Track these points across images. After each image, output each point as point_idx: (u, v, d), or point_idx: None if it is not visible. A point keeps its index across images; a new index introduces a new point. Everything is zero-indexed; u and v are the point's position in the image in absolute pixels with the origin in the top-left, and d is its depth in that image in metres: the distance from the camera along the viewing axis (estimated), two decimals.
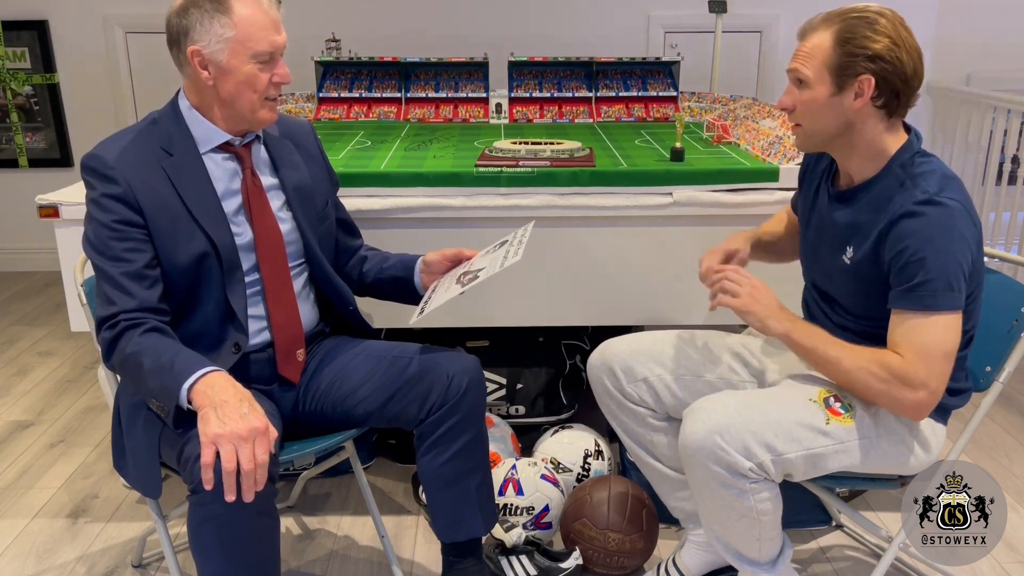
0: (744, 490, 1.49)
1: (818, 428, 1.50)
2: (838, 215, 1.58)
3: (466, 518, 1.74)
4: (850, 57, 1.44)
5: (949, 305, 1.42)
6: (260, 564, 1.46)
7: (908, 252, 1.43)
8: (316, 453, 1.76)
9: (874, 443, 1.53)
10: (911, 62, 1.44)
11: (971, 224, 1.44)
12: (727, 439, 1.46)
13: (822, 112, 1.49)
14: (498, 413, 2.38)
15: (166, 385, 1.42)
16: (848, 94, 1.46)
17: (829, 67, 1.46)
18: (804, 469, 1.52)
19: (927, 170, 1.48)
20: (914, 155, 1.50)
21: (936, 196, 1.43)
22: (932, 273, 1.41)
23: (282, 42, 1.57)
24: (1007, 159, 3.52)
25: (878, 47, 1.43)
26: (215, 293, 1.60)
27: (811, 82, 1.49)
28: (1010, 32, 4.03)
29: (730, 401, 1.54)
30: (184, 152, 1.59)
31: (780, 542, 1.64)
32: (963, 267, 1.43)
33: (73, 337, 3.31)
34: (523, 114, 2.97)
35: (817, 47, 1.48)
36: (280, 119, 1.76)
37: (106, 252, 1.52)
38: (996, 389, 1.65)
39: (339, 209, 1.87)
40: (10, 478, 2.41)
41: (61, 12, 3.87)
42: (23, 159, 4.07)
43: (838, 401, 1.53)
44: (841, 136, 1.52)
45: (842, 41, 1.45)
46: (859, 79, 1.45)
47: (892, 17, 1.46)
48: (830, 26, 1.47)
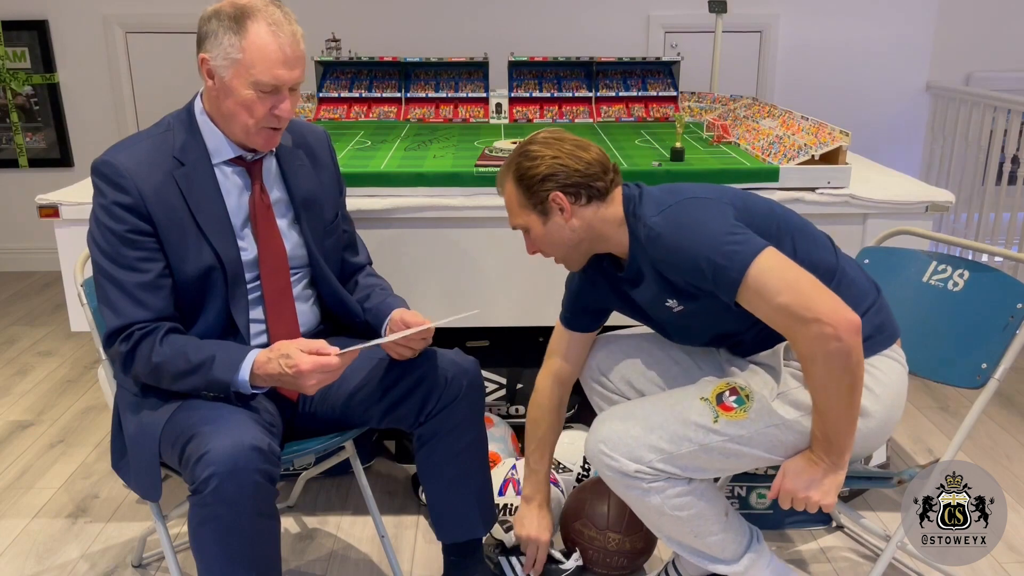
0: (646, 489, 1.54)
1: (705, 426, 1.51)
2: (636, 293, 1.62)
3: (466, 518, 1.74)
4: (531, 190, 1.56)
5: (749, 252, 1.41)
6: (260, 564, 1.46)
7: (686, 267, 1.46)
8: (316, 453, 1.77)
9: (779, 432, 1.51)
10: (574, 159, 1.55)
11: (708, 195, 1.51)
12: (610, 446, 1.55)
13: (551, 239, 1.60)
14: (498, 413, 2.38)
15: (215, 380, 1.49)
16: (554, 213, 1.57)
17: (525, 206, 1.59)
18: (708, 465, 1.53)
19: (644, 203, 1.55)
20: (635, 205, 1.56)
21: (652, 217, 1.50)
22: (711, 255, 1.42)
23: (289, 78, 1.51)
24: (1007, 159, 3.52)
25: (542, 169, 1.55)
26: (218, 303, 1.60)
27: (527, 225, 1.60)
28: (1010, 32, 4.03)
29: (618, 410, 1.61)
30: (196, 163, 1.57)
31: (740, 535, 1.64)
32: (729, 222, 1.46)
33: (73, 337, 3.31)
34: (523, 114, 2.97)
35: (510, 196, 1.61)
36: (294, 126, 1.74)
37: (118, 260, 1.51)
38: (992, 386, 1.65)
39: (344, 220, 1.84)
40: (10, 478, 2.41)
41: (61, 12, 3.87)
42: (23, 159, 4.07)
43: (733, 395, 1.53)
44: (583, 242, 1.60)
45: (518, 181, 1.58)
46: (551, 199, 1.55)
47: (544, 138, 1.58)
48: (508, 175, 1.60)
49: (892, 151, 3.93)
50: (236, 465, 1.37)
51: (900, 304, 1.72)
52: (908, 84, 3.98)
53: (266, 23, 1.48)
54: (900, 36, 3.90)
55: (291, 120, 1.74)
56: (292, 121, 1.75)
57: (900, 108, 4.00)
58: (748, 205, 1.54)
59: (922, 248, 1.94)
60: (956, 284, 1.77)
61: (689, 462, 1.52)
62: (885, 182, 2.26)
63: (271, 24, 1.48)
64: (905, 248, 1.91)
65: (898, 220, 2.06)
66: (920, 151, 4.07)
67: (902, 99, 3.99)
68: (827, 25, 3.89)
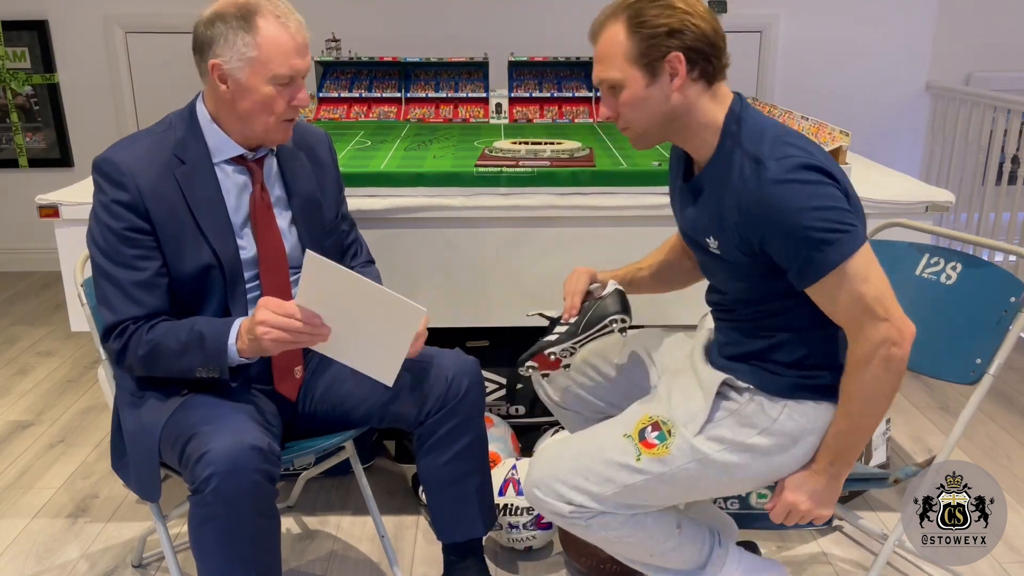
0: (586, 526, 1.53)
1: (629, 465, 1.48)
2: (689, 211, 1.50)
3: (466, 518, 1.74)
4: (650, 41, 1.35)
5: (848, 249, 1.30)
6: (261, 564, 1.47)
7: (776, 232, 1.32)
8: (316, 453, 1.77)
9: (701, 467, 1.47)
10: (707, 24, 1.37)
11: (817, 166, 1.33)
12: (542, 490, 1.54)
13: (644, 105, 1.40)
14: (498, 413, 2.38)
15: (207, 354, 1.49)
16: (663, 78, 1.37)
17: (632, 59, 1.37)
18: (635, 502, 1.51)
19: (752, 130, 1.38)
20: (739, 118, 1.41)
21: (769, 160, 1.32)
22: (810, 236, 1.30)
23: (303, 67, 1.53)
24: (1007, 159, 3.52)
25: (672, 21, 1.34)
26: (216, 301, 1.60)
27: (623, 82, 1.39)
28: (1010, 32, 4.03)
29: (549, 451, 1.62)
30: (197, 161, 1.57)
31: (697, 545, 1.61)
32: (835, 205, 1.31)
33: (73, 337, 3.31)
34: (523, 114, 2.97)
35: (612, 44, 1.38)
36: (296, 126, 1.72)
37: (115, 258, 1.52)
38: (987, 382, 1.63)
39: (344, 220, 1.83)
40: (10, 478, 2.41)
41: (61, 12, 3.87)
42: (23, 159, 4.07)
43: (656, 431, 1.49)
44: (674, 122, 1.42)
45: (635, 28, 1.35)
46: (667, 59, 1.35)
47: None
48: (617, 18, 1.38)
49: (892, 151, 3.93)
50: (236, 465, 1.37)
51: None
52: (908, 84, 3.98)
53: (273, 16, 1.50)
54: (900, 36, 3.90)
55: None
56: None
57: (900, 108, 4.00)
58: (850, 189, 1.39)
59: (917, 241, 1.93)
60: (949, 277, 1.76)
61: (618, 500, 1.50)
62: (885, 182, 2.26)
63: (278, 16, 1.50)
64: (897, 240, 1.90)
65: (898, 220, 2.06)
66: (920, 151, 4.07)
67: (902, 99, 3.99)
68: (827, 25, 3.88)
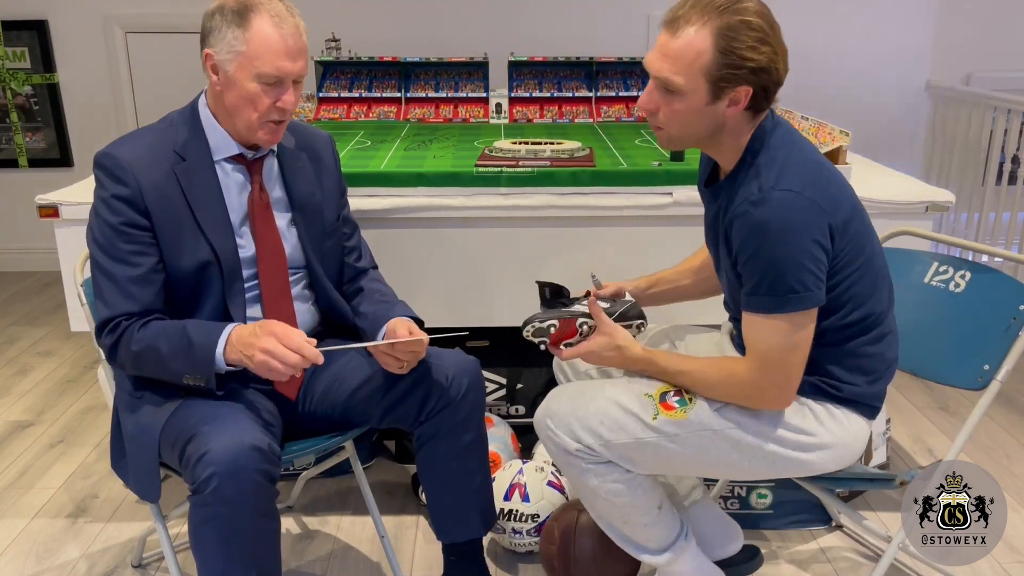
0: (583, 469, 1.56)
1: (644, 421, 1.52)
2: (709, 213, 1.56)
3: (466, 519, 1.74)
4: (733, 70, 1.33)
5: (791, 307, 1.37)
6: (260, 564, 1.46)
7: (744, 253, 1.38)
8: (316, 453, 1.76)
9: (712, 438, 1.51)
10: (784, 65, 1.38)
11: (814, 212, 1.35)
12: (555, 422, 1.56)
13: (693, 119, 1.39)
14: (498, 413, 2.38)
15: (195, 361, 1.48)
16: (723, 102, 1.37)
17: (706, 74, 1.34)
18: (644, 460, 1.54)
19: (771, 157, 1.40)
20: (765, 137, 1.42)
21: (771, 190, 1.34)
22: (768, 275, 1.36)
23: (293, 70, 1.53)
24: (1007, 159, 3.52)
25: (762, 59, 1.33)
26: (215, 300, 1.60)
27: (684, 91, 1.36)
28: (1010, 32, 4.03)
29: (571, 388, 1.63)
30: (197, 158, 1.58)
31: (668, 530, 1.64)
32: (805, 263, 1.35)
33: (73, 337, 3.31)
34: (523, 114, 2.97)
35: (691, 49, 1.33)
36: (298, 128, 1.74)
37: (112, 252, 1.53)
38: (994, 388, 1.64)
39: (346, 223, 1.83)
40: (10, 478, 2.41)
41: (61, 12, 3.87)
42: (23, 159, 4.07)
43: (677, 396, 1.53)
44: (710, 136, 1.44)
45: (725, 51, 1.32)
46: (737, 90, 1.35)
47: (765, 15, 1.35)
48: (707, 24, 1.32)
49: (892, 151, 3.92)
50: (236, 465, 1.37)
51: (901, 305, 1.71)
52: (908, 84, 3.98)
53: (269, 15, 1.50)
54: (900, 36, 3.90)
55: (296, 123, 1.75)
56: (297, 124, 1.76)
57: (900, 108, 4.00)
58: (852, 218, 1.42)
59: (923, 249, 1.93)
60: (958, 285, 1.77)
61: (623, 452, 1.53)
62: (885, 182, 2.27)
63: (274, 16, 1.51)
64: (907, 248, 1.91)
65: (898, 220, 2.06)
66: (920, 151, 4.07)
67: (902, 99, 3.99)
68: (827, 25, 3.88)
